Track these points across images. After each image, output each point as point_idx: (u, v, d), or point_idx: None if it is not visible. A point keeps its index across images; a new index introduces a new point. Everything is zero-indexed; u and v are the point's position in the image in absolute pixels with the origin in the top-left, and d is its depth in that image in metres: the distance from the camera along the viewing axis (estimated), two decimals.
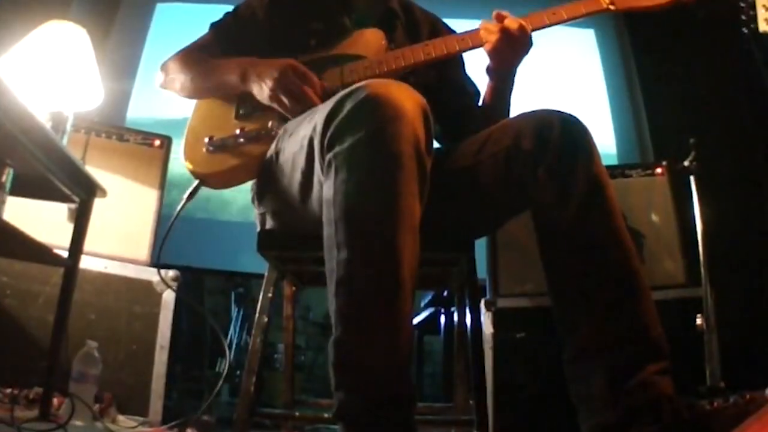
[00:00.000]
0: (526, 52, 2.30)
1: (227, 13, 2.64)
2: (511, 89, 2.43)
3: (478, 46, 2.34)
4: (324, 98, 2.09)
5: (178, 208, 2.38)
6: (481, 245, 3.01)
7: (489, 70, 2.38)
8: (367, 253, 1.57)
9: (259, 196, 2.33)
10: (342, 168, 1.62)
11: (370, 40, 2.46)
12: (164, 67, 2.62)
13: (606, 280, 1.81)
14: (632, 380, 1.69)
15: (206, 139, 2.30)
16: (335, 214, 1.61)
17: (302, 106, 2.18)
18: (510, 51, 2.28)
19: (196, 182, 2.35)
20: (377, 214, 1.58)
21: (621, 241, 1.84)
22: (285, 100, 2.21)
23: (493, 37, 2.25)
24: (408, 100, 1.66)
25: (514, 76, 2.40)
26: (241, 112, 2.40)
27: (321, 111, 1.77)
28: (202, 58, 2.53)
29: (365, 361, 1.55)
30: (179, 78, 2.54)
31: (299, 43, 2.48)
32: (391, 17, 2.62)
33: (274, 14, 2.57)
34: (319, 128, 1.73)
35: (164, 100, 5.68)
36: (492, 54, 2.29)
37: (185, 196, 2.38)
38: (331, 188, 1.64)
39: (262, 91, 2.27)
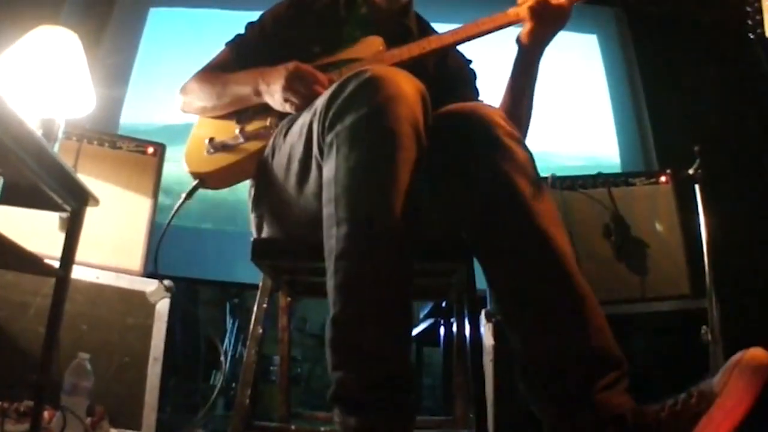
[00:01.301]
0: (563, 25, 2.31)
1: (247, 28, 2.71)
2: (535, 82, 2.43)
3: (473, 38, 2.39)
4: None
5: (175, 208, 2.43)
6: None
7: (519, 54, 2.40)
8: (367, 227, 1.61)
9: (256, 198, 2.36)
10: (343, 145, 1.68)
11: (369, 45, 2.51)
12: (183, 90, 2.67)
13: (540, 285, 1.78)
14: (581, 404, 1.68)
15: (206, 141, 2.37)
16: (336, 191, 1.66)
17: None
18: (549, 19, 2.29)
19: (194, 183, 2.39)
20: (377, 190, 1.63)
21: (546, 241, 1.80)
22: (296, 101, 2.26)
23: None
24: (407, 83, 1.74)
25: (539, 63, 2.41)
26: (241, 117, 2.47)
27: (322, 97, 1.84)
28: (217, 77, 2.58)
29: (363, 340, 1.57)
30: (198, 100, 2.61)
31: (304, 50, 2.52)
32: (404, 35, 2.64)
33: (283, 28, 2.64)
34: (320, 110, 1.79)
35: (157, 106, 5.70)
36: (532, 20, 2.29)
37: (183, 196, 2.43)
38: (332, 167, 1.69)
39: (274, 99, 2.34)
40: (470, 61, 2.73)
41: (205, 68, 2.67)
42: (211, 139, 2.41)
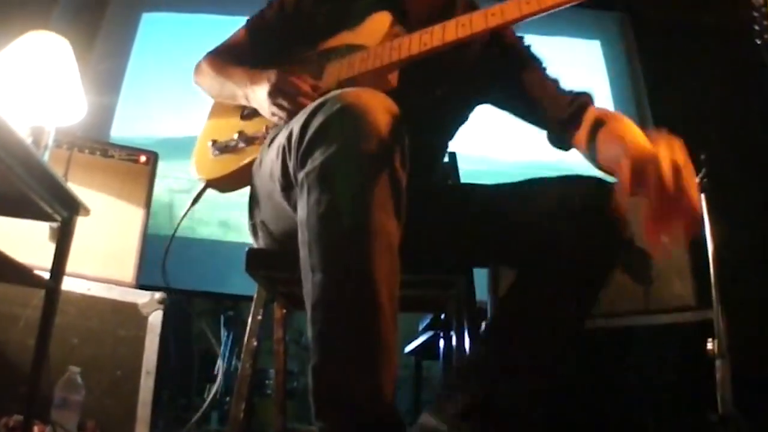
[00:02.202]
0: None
1: (266, 6, 2.68)
2: None
3: (512, 22, 2.07)
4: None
5: (184, 212, 2.44)
6: None
7: None
8: (340, 276, 1.57)
9: (251, 205, 2.35)
10: (314, 188, 1.61)
11: (375, 25, 2.41)
12: (197, 67, 2.68)
13: None
14: None
15: (209, 143, 2.37)
16: (308, 237, 1.61)
17: None
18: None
19: (201, 186, 2.40)
20: (350, 235, 1.57)
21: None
22: (282, 114, 2.22)
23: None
24: (381, 112, 1.64)
25: None
26: (245, 112, 2.50)
27: (296, 121, 1.76)
28: (221, 69, 2.58)
29: (344, 390, 1.54)
30: (204, 84, 2.65)
31: (313, 24, 2.52)
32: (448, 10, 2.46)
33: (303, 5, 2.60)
34: (294, 138, 1.71)
35: (151, 114, 5.70)
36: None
37: (192, 199, 2.44)
38: (304, 209, 1.64)
39: (262, 110, 2.32)
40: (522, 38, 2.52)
41: (219, 49, 2.67)
42: (214, 141, 2.43)
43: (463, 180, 3.09)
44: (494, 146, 5.87)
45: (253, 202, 2.32)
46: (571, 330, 1.99)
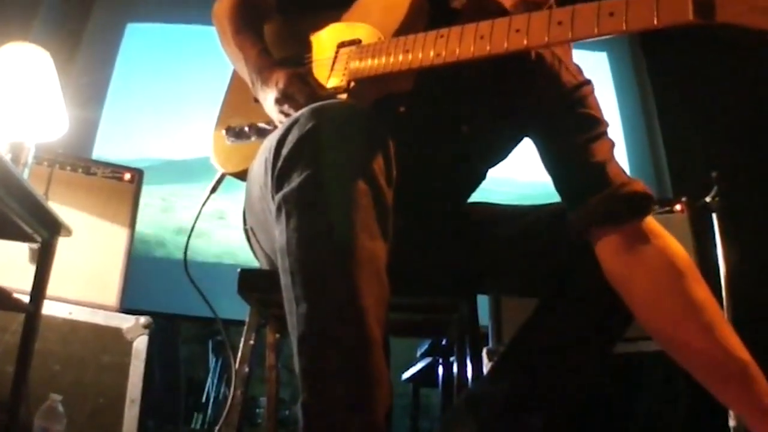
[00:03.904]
0: None
1: None
2: None
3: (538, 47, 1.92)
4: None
5: (201, 203, 2.40)
6: None
7: None
8: (327, 308, 1.53)
9: (245, 208, 2.29)
10: (293, 213, 1.57)
11: (363, 12, 2.24)
12: (214, 11, 2.50)
13: None
14: None
15: (224, 132, 2.32)
16: (290, 265, 1.57)
17: None
18: None
19: (218, 174, 2.37)
20: (335, 262, 1.53)
21: None
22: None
23: None
24: (359, 128, 1.61)
25: None
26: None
27: (274, 135, 1.69)
28: (243, 28, 2.39)
29: (338, 428, 1.50)
30: (221, 34, 2.45)
31: None
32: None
33: None
34: (270, 158, 1.66)
35: (136, 130, 5.70)
36: None
37: (209, 188, 2.41)
38: (283, 236, 1.59)
39: (267, 109, 2.17)
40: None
41: None
42: (228, 128, 2.32)
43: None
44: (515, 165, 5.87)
45: (247, 204, 2.26)
46: (594, 365, 1.99)
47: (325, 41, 2.26)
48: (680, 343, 1.83)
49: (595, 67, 6.34)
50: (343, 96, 1.96)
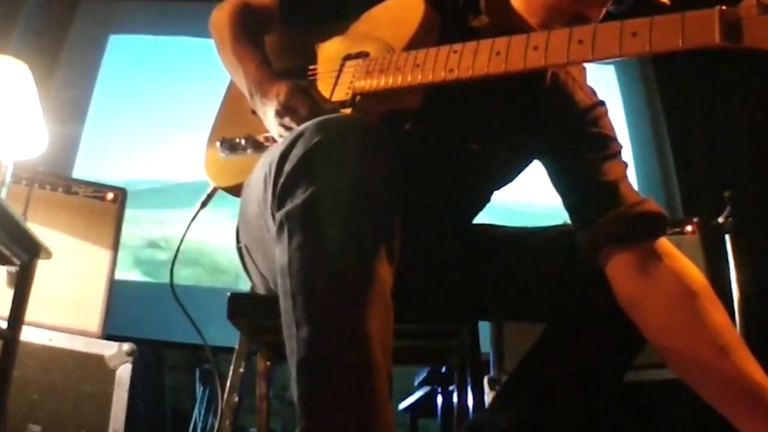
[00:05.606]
0: None
1: None
2: None
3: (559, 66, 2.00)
4: None
5: (191, 217, 2.40)
6: None
7: None
8: (329, 332, 1.51)
9: (239, 225, 2.27)
10: (296, 231, 1.55)
11: (372, 23, 2.24)
12: (213, 17, 2.48)
13: None
14: None
15: (218, 143, 2.30)
16: (292, 286, 1.54)
17: None
18: None
19: (210, 188, 2.36)
20: (339, 285, 1.52)
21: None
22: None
23: None
24: (367, 144, 1.60)
25: None
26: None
27: (277, 149, 1.68)
28: (243, 37, 2.38)
29: None
30: (217, 36, 2.45)
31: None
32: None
33: None
34: (271, 173, 1.65)
35: (119, 147, 5.70)
36: None
37: (199, 203, 2.40)
38: (285, 255, 1.57)
39: (267, 123, 2.16)
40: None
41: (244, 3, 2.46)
42: (222, 140, 2.32)
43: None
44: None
45: (241, 222, 2.24)
46: (603, 395, 2.00)
47: (330, 53, 2.25)
48: (696, 367, 1.83)
49: (602, 81, 6.36)
50: (348, 110, 1.94)
